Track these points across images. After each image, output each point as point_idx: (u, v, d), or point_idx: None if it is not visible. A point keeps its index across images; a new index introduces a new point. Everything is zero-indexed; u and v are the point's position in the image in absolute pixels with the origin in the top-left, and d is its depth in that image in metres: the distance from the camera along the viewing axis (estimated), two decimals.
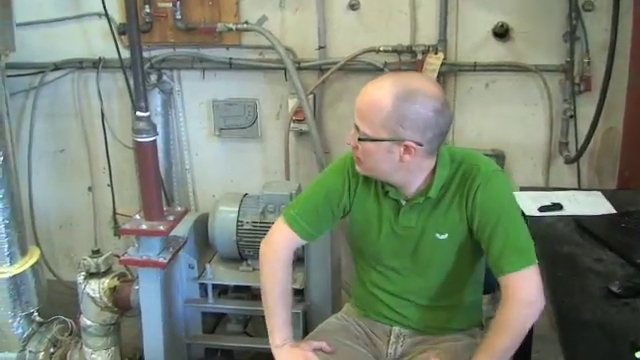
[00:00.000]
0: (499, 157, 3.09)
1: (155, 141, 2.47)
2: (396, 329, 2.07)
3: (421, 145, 1.79)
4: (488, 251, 1.85)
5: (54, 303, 3.42)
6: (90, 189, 3.61)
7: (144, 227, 2.49)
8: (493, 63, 3.01)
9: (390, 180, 1.92)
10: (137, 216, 2.58)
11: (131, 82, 2.97)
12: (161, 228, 2.48)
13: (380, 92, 1.77)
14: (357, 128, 1.82)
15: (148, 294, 2.56)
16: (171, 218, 2.55)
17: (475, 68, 3.02)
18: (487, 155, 2.96)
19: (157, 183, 2.53)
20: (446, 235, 1.92)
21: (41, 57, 3.35)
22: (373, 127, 1.78)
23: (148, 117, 2.43)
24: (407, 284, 2.02)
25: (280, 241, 2.06)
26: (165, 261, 2.49)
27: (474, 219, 1.86)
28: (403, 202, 1.94)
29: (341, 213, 2.05)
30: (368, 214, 2.01)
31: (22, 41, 3.25)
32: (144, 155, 2.46)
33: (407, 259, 1.99)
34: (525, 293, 1.77)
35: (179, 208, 2.67)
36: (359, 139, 1.81)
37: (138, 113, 2.42)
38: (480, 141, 3.12)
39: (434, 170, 1.89)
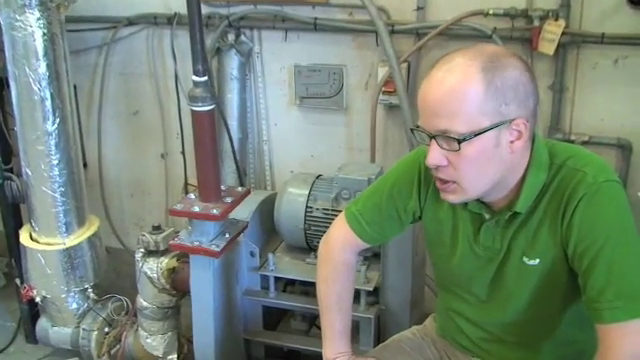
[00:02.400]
0: (625, 148, 2.62)
1: (213, 110, 2.17)
2: None
3: (528, 121, 1.40)
4: (584, 288, 1.42)
5: (120, 274, 3.31)
6: (163, 156, 3.38)
7: (196, 209, 2.21)
8: (625, 35, 2.51)
9: (488, 192, 1.49)
10: (192, 195, 2.30)
11: (207, 41, 2.73)
12: (214, 212, 2.18)
13: (461, 72, 1.36)
14: (442, 135, 1.39)
15: (199, 283, 2.30)
16: (229, 200, 2.25)
17: (603, 40, 2.53)
18: (611, 145, 2.60)
19: (214, 159, 2.23)
20: (537, 261, 1.50)
21: (114, 11, 3.12)
22: (468, 120, 1.36)
23: (206, 82, 2.14)
24: (489, 314, 1.64)
25: (338, 241, 1.77)
26: (218, 250, 2.20)
27: (570, 244, 1.43)
28: (487, 216, 1.54)
29: (410, 219, 1.69)
30: (441, 226, 1.63)
31: None
32: (200, 126, 2.18)
33: (487, 285, 1.60)
34: (626, 352, 1.36)
35: (239, 188, 2.38)
36: (459, 141, 1.37)
37: (194, 77, 2.14)
38: (603, 128, 2.64)
39: (526, 174, 1.47)
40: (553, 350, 1.62)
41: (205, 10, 2.75)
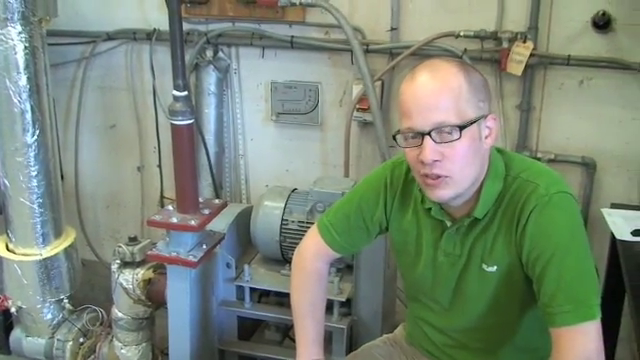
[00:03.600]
0: (589, 166, 2.70)
1: (192, 124, 2.22)
2: None
3: (495, 119, 1.53)
4: (538, 294, 1.50)
5: (95, 286, 3.32)
6: (139, 169, 3.41)
7: (174, 220, 2.25)
8: (590, 57, 2.61)
9: (467, 189, 1.55)
10: (170, 207, 2.34)
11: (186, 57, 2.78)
12: (192, 223, 2.23)
13: (446, 71, 1.48)
14: (436, 132, 1.46)
15: (176, 293, 2.34)
16: (206, 212, 2.30)
17: (569, 62, 2.62)
18: (576, 163, 2.69)
19: (192, 172, 2.28)
20: (494, 268, 1.58)
21: (94, 26, 3.16)
22: (460, 112, 1.46)
23: (186, 97, 2.20)
24: (452, 321, 1.71)
25: (310, 251, 1.84)
26: (195, 260, 2.24)
27: (523, 252, 1.51)
28: (448, 223, 1.61)
29: (377, 229, 1.77)
30: (405, 235, 1.71)
31: (75, 8, 3.12)
32: (179, 140, 2.23)
33: (450, 292, 1.68)
34: (578, 355, 1.42)
35: (217, 201, 2.43)
36: (461, 128, 1.45)
37: (175, 92, 2.19)
38: (569, 147, 2.73)
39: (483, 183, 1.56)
40: (514, 356, 1.69)
41: (184, 27, 2.78)
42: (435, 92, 1.46)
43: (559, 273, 1.45)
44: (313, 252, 1.83)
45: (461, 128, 1.44)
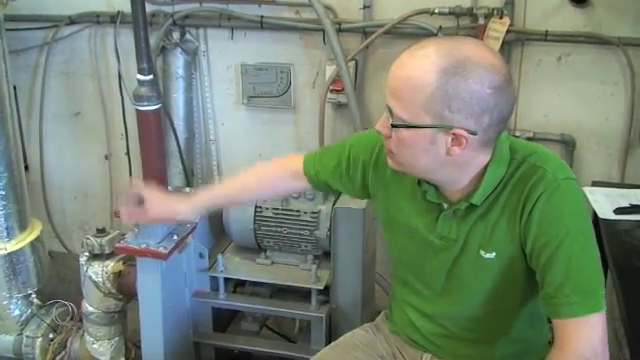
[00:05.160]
0: (568, 144, 2.67)
1: (159, 110, 2.13)
2: (428, 356, 1.72)
3: (475, 134, 1.36)
4: (542, 283, 1.43)
5: (65, 279, 3.24)
6: (107, 157, 3.32)
7: None
8: (568, 33, 2.57)
9: (430, 178, 1.51)
10: None
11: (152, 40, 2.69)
12: None
13: (421, 64, 1.35)
14: (390, 111, 1.41)
15: (147, 286, 2.26)
16: None
17: (546, 38, 2.57)
18: (555, 141, 2.64)
19: (161, 159, 2.21)
20: (493, 254, 1.50)
21: (56, 9, 3.05)
22: (412, 110, 1.36)
23: (151, 81, 2.11)
24: (442, 307, 1.64)
25: (283, 159, 1.91)
26: (166, 252, 2.16)
27: (528, 239, 1.44)
28: (445, 205, 1.54)
29: (354, 185, 1.75)
30: (398, 211, 1.63)
31: None
32: (146, 126, 2.14)
33: (443, 277, 1.60)
34: (584, 346, 1.37)
35: (187, 189, 2.34)
36: (393, 125, 1.40)
37: (139, 76, 2.10)
38: (547, 124, 2.69)
39: (487, 167, 1.47)
40: (506, 347, 1.63)
41: (149, 8, 2.70)
42: (398, 79, 1.39)
43: (567, 262, 1.39)
44: (283, 159, 1.88)
45: (393, 125, 1.41)
